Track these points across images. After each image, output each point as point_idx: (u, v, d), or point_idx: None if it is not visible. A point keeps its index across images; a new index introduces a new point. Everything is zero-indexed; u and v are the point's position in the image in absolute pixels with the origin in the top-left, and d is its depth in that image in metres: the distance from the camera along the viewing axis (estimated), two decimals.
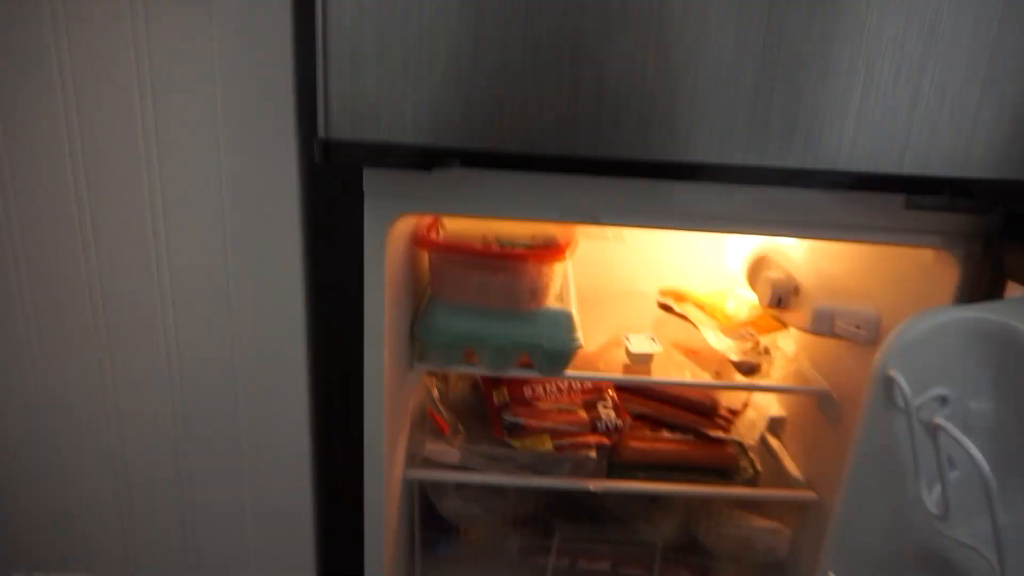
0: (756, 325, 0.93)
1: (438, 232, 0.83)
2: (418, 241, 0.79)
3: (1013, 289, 0.58)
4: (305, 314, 0.72)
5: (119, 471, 0.78)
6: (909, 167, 0.58)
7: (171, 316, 0.72)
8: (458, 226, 0.81)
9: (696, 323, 0.94)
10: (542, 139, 0.58)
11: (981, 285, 0.61)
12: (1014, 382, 0.55)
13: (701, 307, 0.98)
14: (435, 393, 0.99)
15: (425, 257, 0.87)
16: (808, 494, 0.92)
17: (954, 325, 0.54)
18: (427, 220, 0.83)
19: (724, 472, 0.94)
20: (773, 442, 1.02)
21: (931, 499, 0.56)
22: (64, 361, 0.73)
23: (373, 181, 0.64)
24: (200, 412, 0.75)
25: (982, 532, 0.52)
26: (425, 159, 0.58)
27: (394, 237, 0.72)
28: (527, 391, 0.94)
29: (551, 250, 0.78)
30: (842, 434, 0.85)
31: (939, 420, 0.50)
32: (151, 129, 0.66)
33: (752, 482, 0.94)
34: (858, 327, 0.79)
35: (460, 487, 0.97)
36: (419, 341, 0.84)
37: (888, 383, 0.57)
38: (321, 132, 0.57)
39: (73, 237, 0.69)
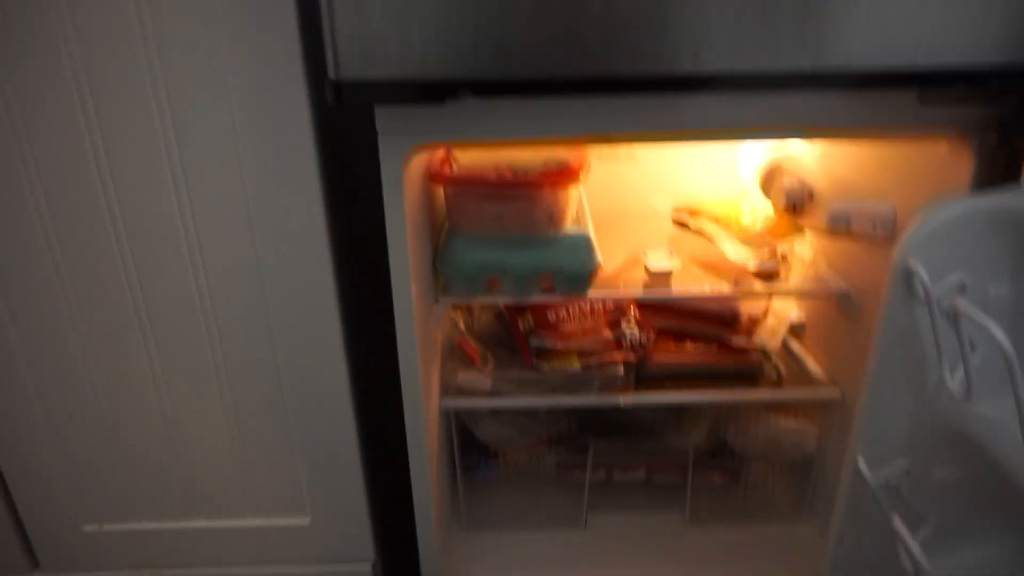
0: (772, 233, 0.94)
1: (451, 167, 0.83)
2: (433, 176, 0.80)
3: None
4: (331, 257, 0.74)
5: (170, 420, 0.81)
6: (923, 59, 0.58)
7: (200, 266, 0.74)
8: (471, 158, 0.81)
9: (712, 237, 0.95)
10: (551, 62, 0.58)
11: (996, 173, 0.61)
12: None
13: (716, 220, 0.99)
14: (462, 325, 1.01)
15: (440, 193, 0.88)
16: (832, 392, 0.94)
17: (972, 214, 0.55)
18: (440, 155, 0.84)
19: (749, 377, 0.97)
20: (795, 346, 1.05)
21: (954, 382, 0.58)
22: (101, 314, 0.76)
23: (386, 118, 0.65)
24: (238, 351, 0.78)
25: (1004, 407, 0.54)
26: (437, 92, 0.59)
27: (410, 174, 0.73)
28: (551, 315, 0.96)
29: (565, 174, 0.79)
30: (862, 332, 0.87)
31: (961, 304, 0.52)
32: (160, 82, 0.66)
33: (777, 385, 0.97)
34: (874, 225, 0.80)
35: (494, 412, 1.01)
36: (441, 275, 0.86)
37: (908, 274, 0.58)
38: (331, 73, 0.57)
39: (92, 183, 0.70)
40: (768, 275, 0.90)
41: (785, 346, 1.04)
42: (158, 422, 0.82)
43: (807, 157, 0.93)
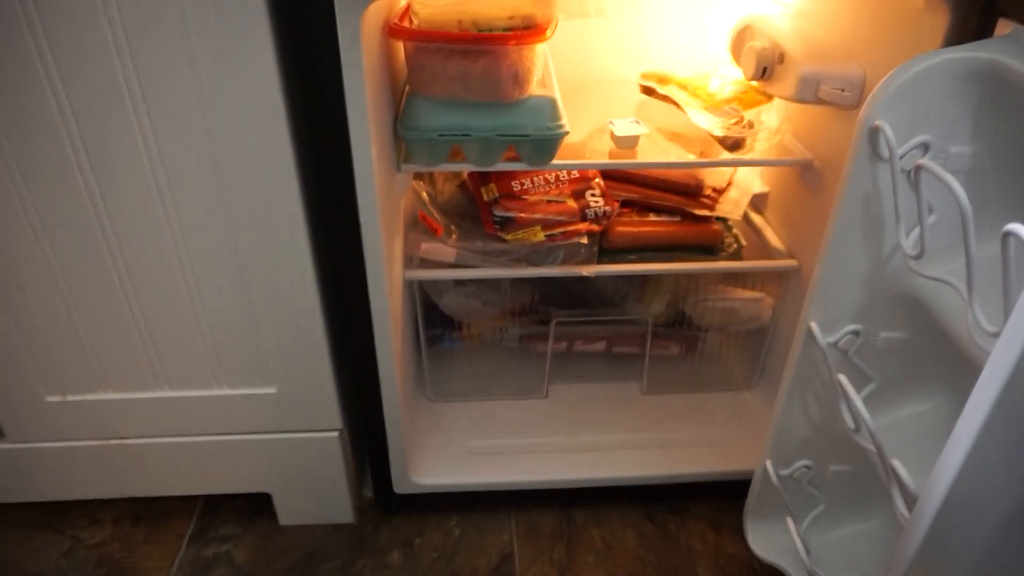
0: (740, 101, 0.92)
1: (411, 21, 0.78)
2: (391, 31, 0.75)
3: (1004, 27, 0.57)
4: (288, 121, 0.70)
5: (130, 293, 0.80)
6: None
7: (152, 137, 0.70)
8: (431, 12, 0.76)
9: (680, 103, 0.93)
10: None
11: (971, 26, 0.60)
12: (993, 120, 0.55)
13: (684, 87, 0.96)
14: (424, 196, 0.99)
15: (401, 52, 0.83)
16: (790, 263, 0.96)
17: (941, 67, 0.54)
18: (398, 9, 0.79)
19: (710, 249, 0.98)
20: (756, 218, 1.05)
21: (908, 242, 0.59)
22: (50, 186, 0.72)
23: None
24: (196, 224, 0.76)
25: (954, 269, 0.55)
26: None
27: (367, 30, 0.68)
28: (516, 185, 0.95)
29: (531, 30, 0.75)
30: (823, 202, 0.87)
31: (922, 161, 0.51)
32: None
33: (737, 256, 0.98)
34: (843, 89, 0.78)
35: (458, 284, 1.01)
36: (403, 142, 0.83)
37: (874, 134, 0.58)
38: None
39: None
40: (734, 144, 0.89)
41: (747, 218, 1.05)
42: (118, 295, 0.80)
43: (780, 19, 0.90)
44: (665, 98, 0.97)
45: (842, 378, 0.65)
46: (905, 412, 0.74)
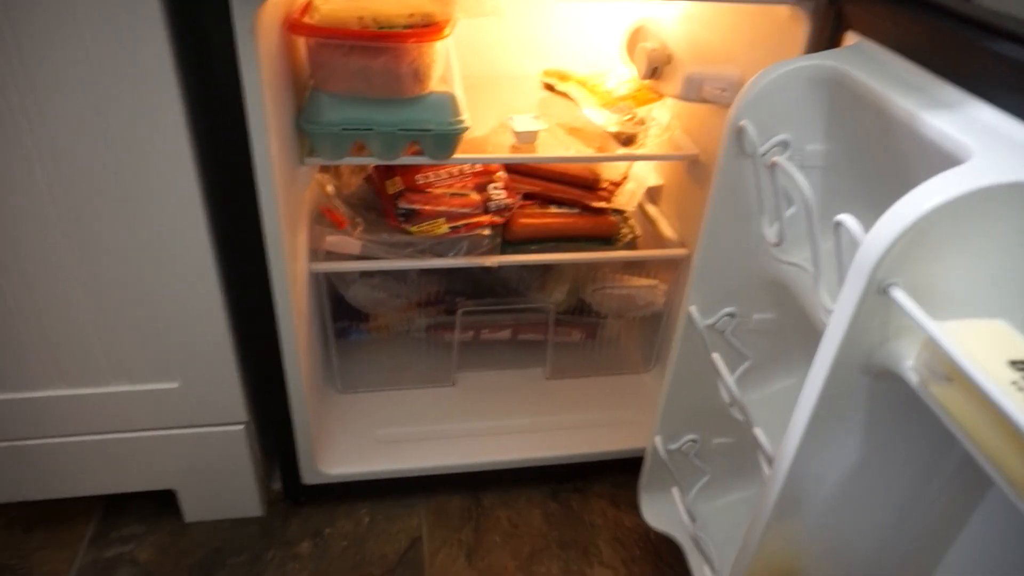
0: (634, 99, 0.98)
1: (311, 17, 0.79)
2: (291, 27, 0.76)
3: (851, 38, 0.63)
4: (185, 115, 0.70)
5: (23, 290, 0.77)
6: None
7: (42, 128, 0.68)
8: (332, 8, 0.78)
9: (577, 100, 0.97)
10: None
11: (825, 38, 0.66)
12: (842, 123, 0.62)
13: (583, 84, 1.01)
14: (329, 189, 1.00)
15: (303, 48, 0.84)
16: (680, 251, 1.03)
17: (794, 74, 0.60)
18: (299, 4, 0.80)
19: (607, 239, 1.03)
20: (650, 209, 1.12)
21: (771, 231, 0.65)
22: None
23: None
24: (92, 219, 0.74)
25: (808, 255, 0.62)
26: None
27: (265, 25, 0.69)
28: (420, 179, 0.97)
29: (430, 28, 0.77)
30: (708, 194, 0.94)
31: (776, 159, 0.57)
32: None
33: (632, 246, 1.04)
34: (724, 89, 0.85)
35: (365, 276, 1.03)
36: (306, 136, 0.84)
37: (739, 133, 0.63)
38: None
39: None
40: (627, 140, 0.94)
41: (641, 209, 1.11)
42: (6, 291, 0.77)
43: (670, 22, 0.96)
44: (564, 95, 1.01)
45: (716, 356, 0.71)
46: (777, 386, 0.82)
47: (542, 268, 1.10)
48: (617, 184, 1.05)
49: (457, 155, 0.86)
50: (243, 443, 0.93)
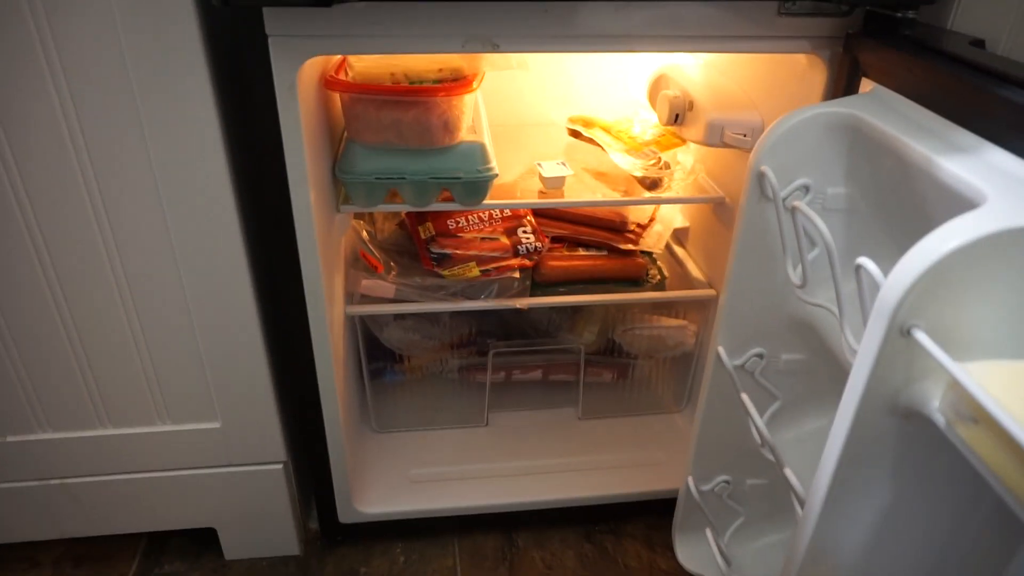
0: (658, 144, 1.00)
1: (346, 73, 0.84)
2: (328, 83, 0.81)
3: (867, 85, 0.65)
4: (229, 169, 0.74)
5: (72, 332, 0.81)
6: None
7: (95, 184, 0.73)
8: (366, 65, 0.82)
9: (603, 146, 1.00)
10: None
11: (841, 85, 0.68)
12: (861, 167, 0.63)
13: (608, 131, 1.03)
14: (364, 235, 1.04)
15: (338, 101, 0.88)
16: (709, 292, 1.03)
17: (812, 121, 0.62)
18: (335, 62, 0.84)
19: (635, 281, 1.05)
20: (678, 250, 1.13)
21: (795, 273, 0.66)
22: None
23: (275, 23, 0.65)
24: (139, 265, 0.78)
25: (832, 296, 0.62)
26: None
27: (304, 83, 0.73)
28: (451, 224, 1.00)
29: (459, 83, 0.81)
30: (733, 235, 0.95)
31: (797, 203, 0.59)
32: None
33: (660, 287, 1.05)
34: (745, 135, 0.86)
35: (399, 318, 1.05)
36: (342, 185, 0.88)
37: (760, 178, 0.65)
38: None
39: None
40: (652, 184, 0.96)
41: (669, 250, 1.12)
42: (61, 335, 0.81)
43: (691, 69, 0.98)
44: (590, 140, 1.04)
45: (744, 397, 0.72)
46: (809, 427, 0.81)
47: (572, 309, 1.12)
48: (644, 227, 1.07)
49: (487, 201, 0.89)
50: (281, 482, 0.95)
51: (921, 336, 0.44)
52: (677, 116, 0.95)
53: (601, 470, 1.08)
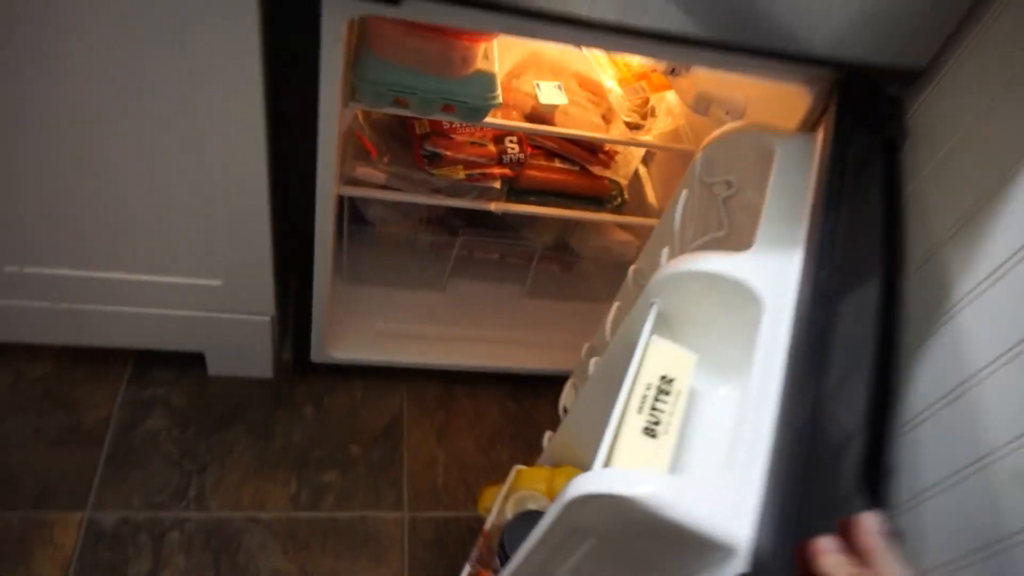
0: (649, 81, 1.07)
1: None
2: None
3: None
4: (262, 64, 0.78)
5: (92, 178, 0.86)
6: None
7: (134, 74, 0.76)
8: None
9: (599, 68, 1.06)
10: None
11: (816, 115, 0.79)
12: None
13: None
14: (361, 118, 1.09)
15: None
16: (653, 222, 1.18)
17: (742, 138, 0.76)
18: None
19: (599, 201, 1.17)
20: (642, 170, 1.25)
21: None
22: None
23: None
24: (172, 150, 0.84)
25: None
26: None
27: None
28: (446, 123, 1.07)
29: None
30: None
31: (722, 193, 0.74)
32: None
33: (619, 210, 1.19)
34: (727, 112, 0.96)
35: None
36: (352, 85, 0.93)
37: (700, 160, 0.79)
38: None
39: None
40: (634, 127, 1.05)
41: (635, 171, 1.24)
42: (88, 184, 0.86)
43: None
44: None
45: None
46: None
47: None
48: (616, 152, 1.17)
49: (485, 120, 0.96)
50: (267, 329, 1.10)
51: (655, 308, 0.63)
52: (674, 70, 1.02)
53: (535, 347, 1.28)
